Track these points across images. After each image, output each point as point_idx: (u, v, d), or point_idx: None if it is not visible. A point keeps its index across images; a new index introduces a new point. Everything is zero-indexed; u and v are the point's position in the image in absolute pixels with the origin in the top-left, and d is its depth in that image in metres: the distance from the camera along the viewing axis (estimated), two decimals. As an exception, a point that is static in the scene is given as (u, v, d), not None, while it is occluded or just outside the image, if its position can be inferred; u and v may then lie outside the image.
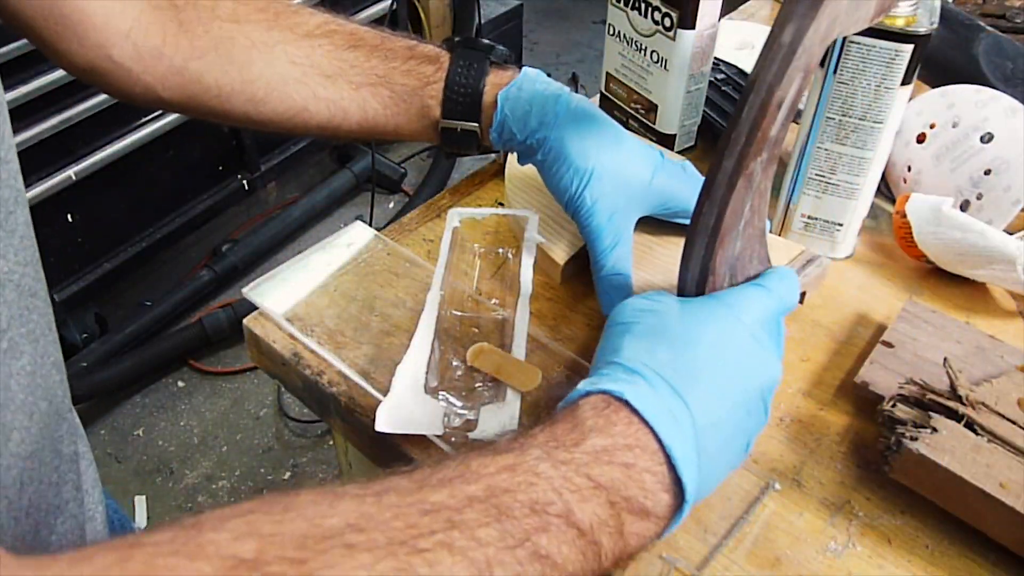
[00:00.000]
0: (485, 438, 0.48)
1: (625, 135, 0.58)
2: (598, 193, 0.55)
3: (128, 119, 1.62)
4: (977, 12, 0.91)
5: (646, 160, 0.57)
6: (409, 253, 0.66)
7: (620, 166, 0.56)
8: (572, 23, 3.14)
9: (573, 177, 0.55)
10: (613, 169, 0.56)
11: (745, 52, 0.91)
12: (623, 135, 0.58)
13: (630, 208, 0.57)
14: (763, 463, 0.52)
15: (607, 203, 0.55)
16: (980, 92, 0.70)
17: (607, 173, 0.55)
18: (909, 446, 0.46)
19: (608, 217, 0.55)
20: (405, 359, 0.52)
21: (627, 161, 0.57)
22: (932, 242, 0.63)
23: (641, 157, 0.57)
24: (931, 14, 0.56)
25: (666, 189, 0.58)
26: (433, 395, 0.51)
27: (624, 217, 0.56)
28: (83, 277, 1.68)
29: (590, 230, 0.56)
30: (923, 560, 0.47)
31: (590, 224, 0.56)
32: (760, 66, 0.42)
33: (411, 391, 0.51)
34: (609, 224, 0.55)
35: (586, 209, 0.55)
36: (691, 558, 0.47)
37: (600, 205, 0.55)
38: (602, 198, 0.55)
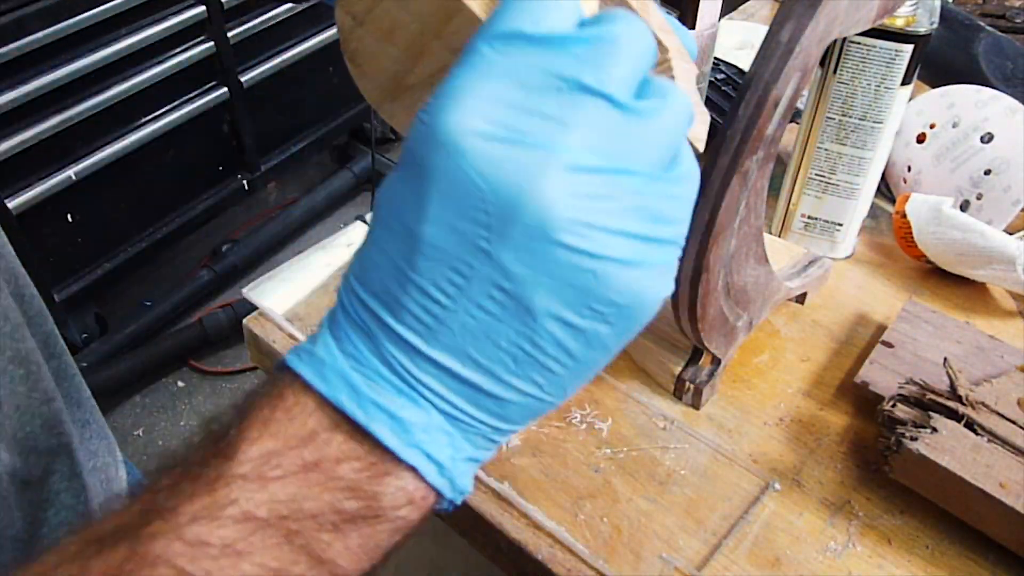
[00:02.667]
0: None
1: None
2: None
3: (128, 119, 1.62)
4: (977, 12, 0.91)
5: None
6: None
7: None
8: (572, 23, 3.14)
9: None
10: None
11: (745, 52, 0.91)
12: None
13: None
14: (763, 463, 0.52)
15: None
16: (980, 92, 0.70)
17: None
18: (909, 446, 0.46)
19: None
20: None
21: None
22: (932, 242, 0.63)
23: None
24: (931, 14, 0.56)
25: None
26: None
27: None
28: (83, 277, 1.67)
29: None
30: (923, 560, 0.47)
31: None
32: (757, 64, 0.42)
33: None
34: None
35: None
36: (691, 558, 0.47)
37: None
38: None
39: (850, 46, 0.57)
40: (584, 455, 0.52)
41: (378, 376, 0.27)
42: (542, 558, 0.47)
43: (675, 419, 0.55)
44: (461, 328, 0.26)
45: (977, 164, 0.68)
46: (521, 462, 0.52)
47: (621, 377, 0.57)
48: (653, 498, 0.50)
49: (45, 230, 1.56)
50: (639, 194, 0.26)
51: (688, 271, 0.47)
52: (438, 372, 0.26)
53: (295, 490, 0.26)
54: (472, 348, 0.26)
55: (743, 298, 0.53)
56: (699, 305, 0.48)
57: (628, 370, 0.58)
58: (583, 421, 0.54)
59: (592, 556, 0.47)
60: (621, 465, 0.52)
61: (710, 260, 0.46)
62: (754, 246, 0.50)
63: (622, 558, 0.47)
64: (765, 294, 0.55)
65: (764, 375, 0.58)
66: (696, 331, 0.50)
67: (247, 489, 0.26)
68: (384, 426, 0.26)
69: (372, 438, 0.26)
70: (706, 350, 0.54)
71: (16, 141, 1.41)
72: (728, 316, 0.52)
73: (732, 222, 0.46)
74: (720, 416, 0.55)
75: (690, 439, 0.53)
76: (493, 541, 0.49)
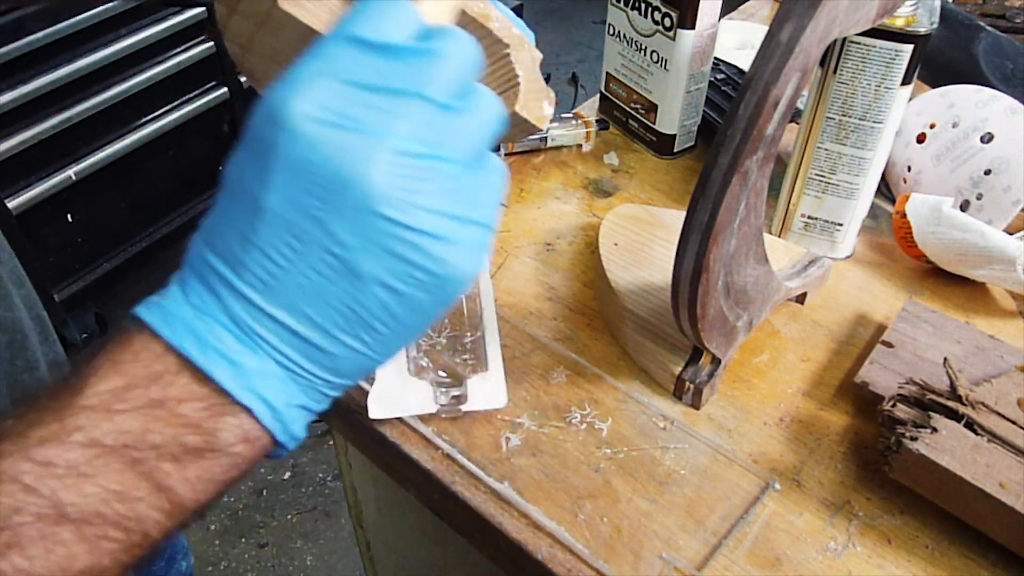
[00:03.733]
0: (479, 409, 0.51)
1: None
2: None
3: (128, 119, 1.62)
4: (977, 12, 0.91)
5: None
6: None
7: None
8: (572, 23, 3.14)
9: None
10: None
11: (745, 52, 0.91)
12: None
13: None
14: (763, 463, 0.52)
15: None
16: (980, 92, 0.70)
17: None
18: (909, 446, 0.46)
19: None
20: None
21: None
22: (932, 242, 0.63)
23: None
24: (931, 14, 0.56)
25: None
26: (418, 376, 0.53)
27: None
28: (83, 277, 1.67)
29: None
30: (923, 560, 0.47)
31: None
32: (757, 64, 0.42)
33: (396, 376, 0.53)
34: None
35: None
36: (691, 558, 0.47)
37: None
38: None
39: (850, 46, 0.57)
40: (584, 455, 0.52)
41: (220, 326, 0.29)
42: (542, 558, 0.47)
43: (675, 419, 0.55)
44: (296, 287, 0.29)
45: (977, 164, 0.68)
46: (521, 462, 0.52)
47: (621, 377, 0.57)
48: (653, 498, 0.50)
49: (45, 230, 1.56)
50: (453, 179, 0.29)
51: (688, 271, 0.47)
52: (275, 326, 0.30)
53: (139, 423, 0.29)
54: (306, 306, 0.29)
55: (743, 298, 0.53)
56: (699, 305, 0.48)
57: (628, 370, 0.58)
58: (583, 421, 0.54)
59: (592, 556, 0.47)
60: (621, 465, 0.52)
61: (710, 260, 0.46)
62: (754, 246, 0.50)
63: (622, 558, 0.47)
64: (765, 294, 0.55)
65: (764, 375, 0.58)
66: (696, 331, 0.50)
67: (94, 418, 0.28)
68: (224, 371, 0.29)
69: (213, 381, 0.29)
70: (706, 350, 0.54)
71: (16, 141, 1.41)
72: (728, 316, 0.52)
73: (732, 222, 0.46)
74: (720, 416, 0.55)
75: (690, 439, 0.53)
76: (493, 541, 0.49)
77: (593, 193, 0.75)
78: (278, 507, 1.62)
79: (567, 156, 0.79)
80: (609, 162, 0.78)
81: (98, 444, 0.28)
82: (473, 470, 0.51)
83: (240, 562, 1.54)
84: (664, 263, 0.60)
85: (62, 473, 0.28)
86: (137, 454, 0.29)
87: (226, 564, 1.53)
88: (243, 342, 0.30)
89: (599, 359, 0.59)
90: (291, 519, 1.60)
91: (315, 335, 0.30)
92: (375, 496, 0.74)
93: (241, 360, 0.30)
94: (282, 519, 1.60)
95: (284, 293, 0.29)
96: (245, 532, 1.58)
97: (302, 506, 1.62)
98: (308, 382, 0.31)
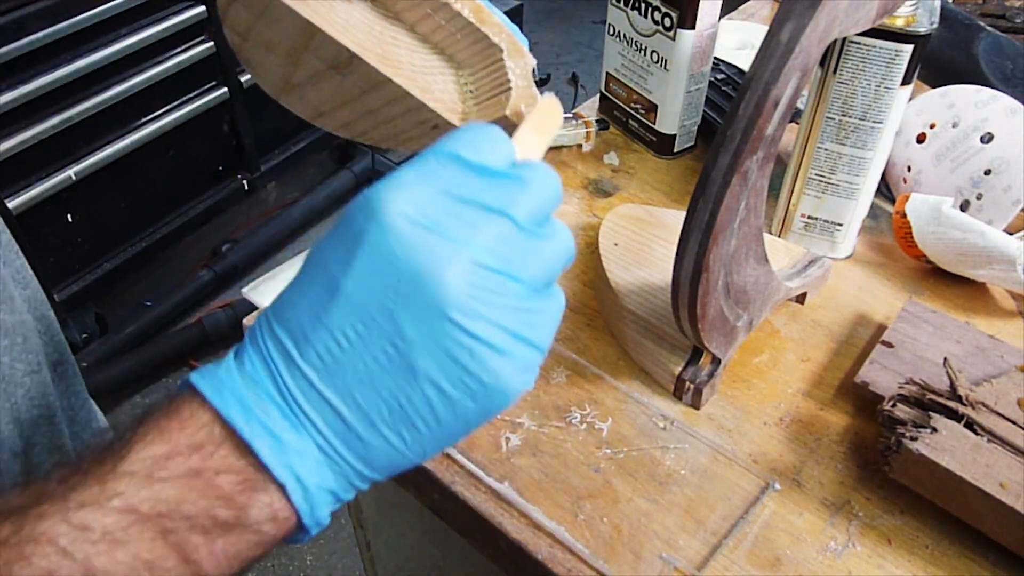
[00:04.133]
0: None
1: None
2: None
3: (128, 119, 1.62)
4: (977, 12, 0.91)
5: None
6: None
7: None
8: (572, 23, 3.14)
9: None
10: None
11: (745, 52, 0.91)
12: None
13: None
14: (763, 463, 0.52)
15: None
16: (980, 92, 0.70)
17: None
18: (909, 446, 0.46)
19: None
20: None
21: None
22: (932, 242, 0.63)
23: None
24: (931, 14, 0.56)
25: None
26: None
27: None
28: (83, 277, 1.67)
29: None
30: (923, 560, 0.47)
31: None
32: (757, 64, 0.42)
33: None
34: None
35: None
36: (691, 558, 0.47)
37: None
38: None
39: (850, 46, 0.57)
40: (584, 455, 0.52)
41: (269, 399, 0.30)
42: (542, 558, 0.47)
43: (675, 419, 0.55)
44: (353, 372, 0.30)
45: (977, 164, 0.68)
46: (521, 462, 0.52)
47: (621, 377, 0.57)
48: (653, 498, 0.50)
49: (45, 230, 1.56)
50: (520, 298, 0.31)
51: (688, 271, 0.47)
52: (323, 406, 0.30)
53: (177, 492, 0.29)
54: (358, 392, 0.30)
55: (743, 298, 0.53)
56: (699, 305, 0.48)
57: (628, 370, 0.58)
58: (583, 421, 0.54)
59: (592, 556, 0.47)
60: (621, 465, 0.52)
61: (710, 260, 0.46)
62: (754, 246, 0.50)
63: (622, 558, 0.47)
64: (765, 294, 0.55)
65: (764, 375, 0.58)
66: (696, 331, 0.50)
67: (134, 484, 0.29)
68: (264, 443, 0.30)
69: (252, 455, 0.30)
70: (706, 350, 0.54)
71: (16, 141, 1.41)
72: (728, 316, 0.52)
73: (732, 222, 0.46)
74: (720, 416, 0.55)
75: (690, 439, 0.53)
76: (493, 541, 0.49)
77: (593, 193, 0.75)
78: (278, 507, 1.62)
79: (567, 156, 0.79)
80: (609, 162, 0.79)
81: (135, 511, 0.29)
82: (473, 470, 0.51)
83: (240, 562, 1.54)
84: (664, 263, 0.60)
85: (96, 538, 0.28)
86: (170, 524, 0.29)
87: (226, 564, 1.53)
88: (288, 418, 0.30)
89: (599, 359, 0.59)
90: (291, 519, 1.60)
91: (359, 423, 0.30)
92: (375, 496, 0.75)
93: (283, 435, 0.30)
94: (282, 519, 1.60)
95: (340, 376, 0.30)
96: (245, 532, 1.58)
97: (302, 506, 1.62)
98: (341, 469, 0.31)
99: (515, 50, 0.41)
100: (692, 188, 0.46)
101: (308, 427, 0.30)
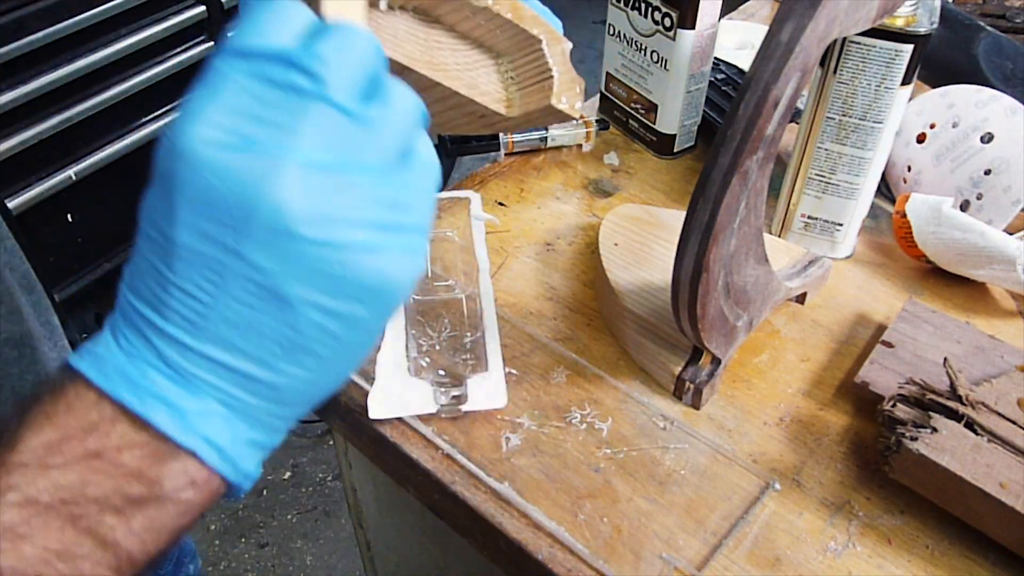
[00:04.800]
0: (479, 409, 0.52)
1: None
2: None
3: (128, 119, 1.62)
4: (977, 12, 0.91)
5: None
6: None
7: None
8: (572, 23, 3.14)
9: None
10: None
11: (745, 52, 0.91)
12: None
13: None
14: (763, 463, 0.52)
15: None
16: (980, 92, 0.70)
17: None
18: (909, 446, 0.46)
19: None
20: (383, 348, 0.54)
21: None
22: (932, 242, 0.63)
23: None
24: (931, 14, 0.56)
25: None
26: (418, 376, 0.53)
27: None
28: (83, 277, 1.67)
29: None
30: (923, 560, 0.47)
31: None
32: (757, 64, 0.42)
33: (396, 376, 0.53)
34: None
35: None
36: (691, 558, 0.47)
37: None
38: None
39: (850, 46, 0.57)
40: (584, 455, 0.52)
41: (153, 370, 0.28)
42: (542, 558, 0.47)
43: (675, 419, 0.55)
44: (224, 322, 0.28)
45: (977, 164, 0.68)
46: (521, 462, 0.52)
47: (621, 377, 0.57)
48: (653, 498, 0.50)
49: (45, 230, 1.56)
50: (373, 185, 0.28)
51: (688, 271, 0.47)
52: (209, 363, 0.28)
53: (77, 476, 0.27)
54: (238, 339, 0.28)
55: (743, 298, 0.53)
56: (699, 305, 0.48)
57: (628, 370, 0.58)
58: (583, 421, 0.54)
59: (592, 556, 0.47)
60: (621, 465, 0.52)
61: (710, 260, 0.46)
62: (754, 246, 0.50)
63: (622, 558, 0.47)
64: (765, 294, 0.55)
65: (764, 375, 0.58)
66: (696, 331, 0.50)
67: (28, 476, 0.27)
68: (162, 414, 0.28)
69: (151, 427, 0.28)
70: (706, 350, 0.54)
71: (16, 141, 1.41)
72: (728, 316, 0.52)
73: (732, 222, 0.46)
74: (720, 416, 0.55)
75: (690, 439, 0.53)
76: (493, 541, 0.49)
77: (593, 193, 0.75)
78: (278, 507, 1.62)
79: (567, 156, 0.79)
80: (609, 162, 0.78)
81: (35, 502, 0.27)
82: (473, 470, 0.51)
83: (240, 562, 1.54)
84: (664, 263, 0.60)
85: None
86: (77, 510, 0.27)
87: (226, 564, 1.53)
88: (179, 384, 0.28)
89: (599, 359, 0.59)
90: (291, 519, 1.60)
91: (253, 368, 0.29)
92: (375, 496, 0.74)
93: (179, 402, 0.28)
94: (282, 519, 1.60)
95: (212, 329, 0.28)
96: (245, 532, 1.58)
97: (302, 506, 1.62)
98: (255, 417, 0.30)
99: (553, 39, 0.42)
100: (692, 188, 0.46)
101: (203, 387, 0.29)
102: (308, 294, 0.28)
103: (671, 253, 0.48)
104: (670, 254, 0.48)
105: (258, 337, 0.28)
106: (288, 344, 0.28)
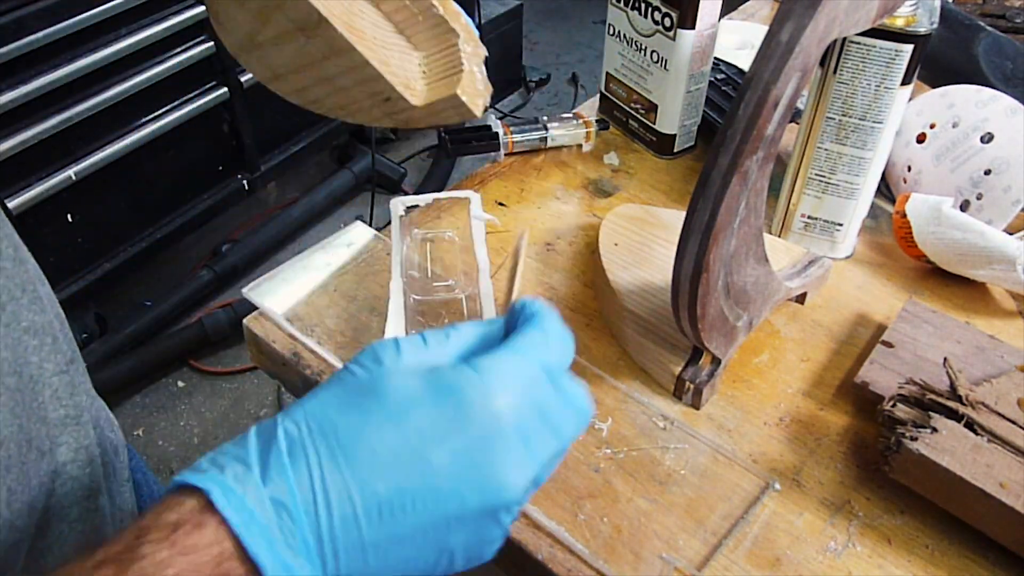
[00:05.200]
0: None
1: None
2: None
3: (128, 119, 1.62)
4: (977, 12, 0.91)
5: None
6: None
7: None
8: (572, 23, 3.14)
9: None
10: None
11: (745, 52, 0.91)
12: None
13: None
14: (763, 463, 0.52)
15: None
16: (980, 92, 0.70)
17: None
18: (909, 446, 0.46)
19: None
20: None
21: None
22: (932, 242, 0.63)
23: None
24: (931, 14, 0.56)
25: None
26: None
27: None
28: (83, 277, 1.67)
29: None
30: (923, 560, 0.47)
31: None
32: (757, 64, 0.42)
33: None
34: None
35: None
36: (691, 558, 0.47)
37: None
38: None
39: (850, 46, 0.57)
40: (584, 455, 0.52)
41: (303, 544, 0.29)
42: (542, 558, 0.47)
43: (675, 419, 0.55)
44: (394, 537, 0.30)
45: (977, 164, 0.68)
46: (521, 462, 0.51)
47: (621, 377, 0.57)
48: (653, 498, 0.50)
49: (45, 230, 1.56)
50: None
51: (688, 271, 0.47)
52: (357, 558, 0.30)
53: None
54: (391, 547, 0.31)
55: (743, 298, 0.53)
56: (699, 305, 0.48)
57: (628, 370, 0.58)
58: (583, 421, 0.54)
59: (592, 556, 0.47)
60: (621, 465, 0.52)
61: (710, 260, 0.46)
62: (754, 246, 0.50)
63: (622, 558, 0.47)
64: (765, 294, 0.55)
65: (764, 375, 0.58)
66: (696, 331, 0.50)
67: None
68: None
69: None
70: (706, 350, 0.54)
71: (16, 141, 1.41)
72: (728, 316, 0.52)
73: (732, 222, 0.46)
74: (720, 416, 0.55)
75: (690, 439, 0.53)
76: (493, 541, 0.49)
77: (593, 193, 0.75)
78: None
79: (567, 156, 0.79)
80: (609, 162, 0.78)
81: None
82: (473, 470, 0.51)
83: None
84: (664, 263, 0.60)
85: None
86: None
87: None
88: (311, 561, 0.29)
89: (599, 359, 0.59)
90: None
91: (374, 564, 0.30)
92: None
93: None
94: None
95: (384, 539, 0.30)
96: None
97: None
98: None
99: (471, 39, 0.44)
100: (692, 188, 0.46)
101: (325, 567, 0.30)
102: (458, 552, 0.32)
103: (671, 253, 0.48)
104: (670, 254, 0.48)
105: (401, 551, 0.31)
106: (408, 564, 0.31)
